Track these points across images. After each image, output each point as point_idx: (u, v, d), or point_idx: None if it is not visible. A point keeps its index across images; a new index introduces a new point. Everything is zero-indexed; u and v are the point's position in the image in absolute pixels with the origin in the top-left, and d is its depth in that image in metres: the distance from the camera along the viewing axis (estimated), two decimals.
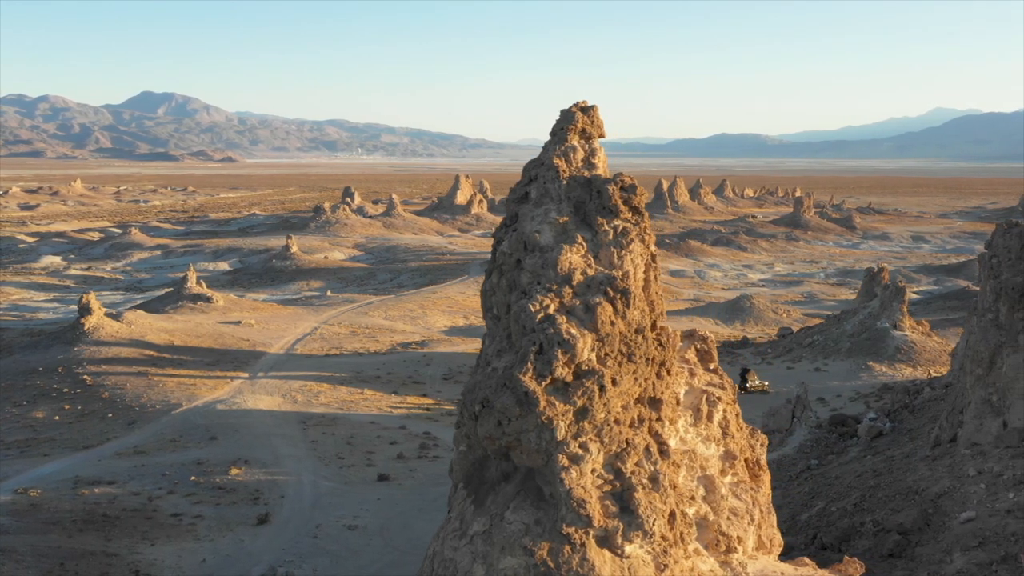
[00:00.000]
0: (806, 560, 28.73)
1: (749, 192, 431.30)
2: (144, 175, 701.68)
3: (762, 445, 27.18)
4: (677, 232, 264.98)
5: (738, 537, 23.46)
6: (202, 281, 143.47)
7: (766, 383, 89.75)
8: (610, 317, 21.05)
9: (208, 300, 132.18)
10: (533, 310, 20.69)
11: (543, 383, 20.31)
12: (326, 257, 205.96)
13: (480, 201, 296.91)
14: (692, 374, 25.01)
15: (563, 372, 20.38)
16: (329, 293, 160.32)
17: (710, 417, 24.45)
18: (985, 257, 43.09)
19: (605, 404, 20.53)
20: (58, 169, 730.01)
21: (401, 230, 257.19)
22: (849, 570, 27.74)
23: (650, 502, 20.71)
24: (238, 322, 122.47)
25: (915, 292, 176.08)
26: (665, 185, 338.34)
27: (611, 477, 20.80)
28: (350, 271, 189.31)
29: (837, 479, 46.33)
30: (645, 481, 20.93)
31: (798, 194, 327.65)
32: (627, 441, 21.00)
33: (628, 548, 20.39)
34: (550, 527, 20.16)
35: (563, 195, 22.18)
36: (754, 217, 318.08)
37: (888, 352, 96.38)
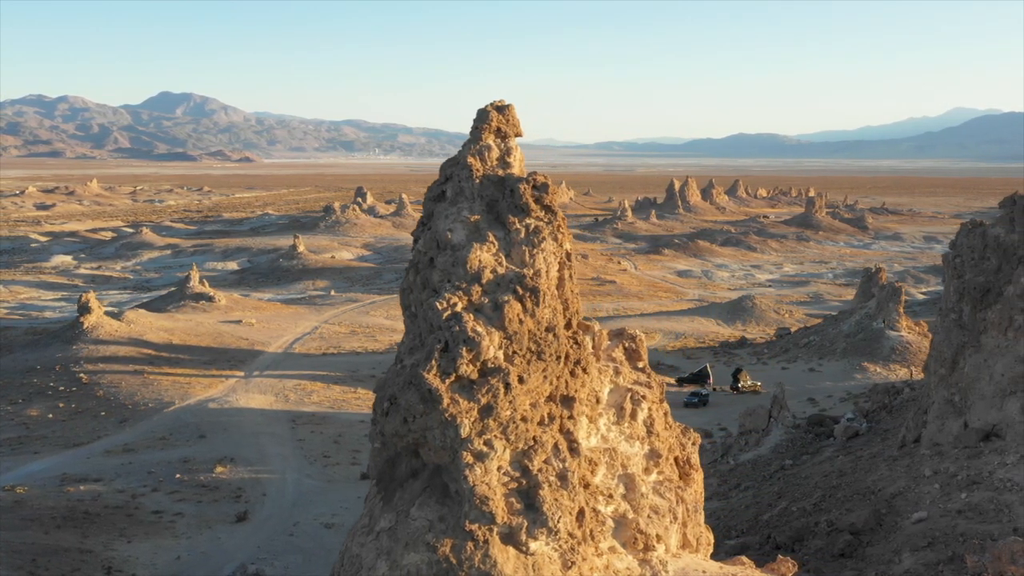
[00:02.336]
0: (743, 559, 28.72)
1: (762, 192, 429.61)
2: (162, 175, 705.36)
3: (693, 444, 27.17)
4: (687, 232, 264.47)
5: (657, 535, 23.47)
6: (205, 280, 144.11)
7: (758, 383, 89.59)
8: (518, 315, 21.13)
9: (210, 299, 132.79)
10: (440, 308, 20.81)
11: (447, 381, 20.41)
12: (333, 257, 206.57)
13: None
14: (618, 372, 25.04)
15: (468, 370, 20.48)
16: (333, 292, 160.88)
17: (634, 415, 24.47)
18: (949, 257, 42.90)
19: (511, 402, 20.62)
20: (77, 169, 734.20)
21: (411, 230, 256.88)
22: (782, 569, 27.71)
23: (556, 499, 20.78)
24: (239, 321, 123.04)
25: (923, 293, 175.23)
26: (677, 185, 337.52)
27: (518, 475, 20.88)
28: (356, 270, 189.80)
29: (806, 479, 46.28)
30: (552, 479, 21.00)
31: (811, 194, 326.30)
32: (535, 439, 21.07)
33: (533, 545, 20.47)
34: (454, 524, 20.27)
35: (476, 194, 22.29)
36: (766, 217, 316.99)
37: (883, 353, 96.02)
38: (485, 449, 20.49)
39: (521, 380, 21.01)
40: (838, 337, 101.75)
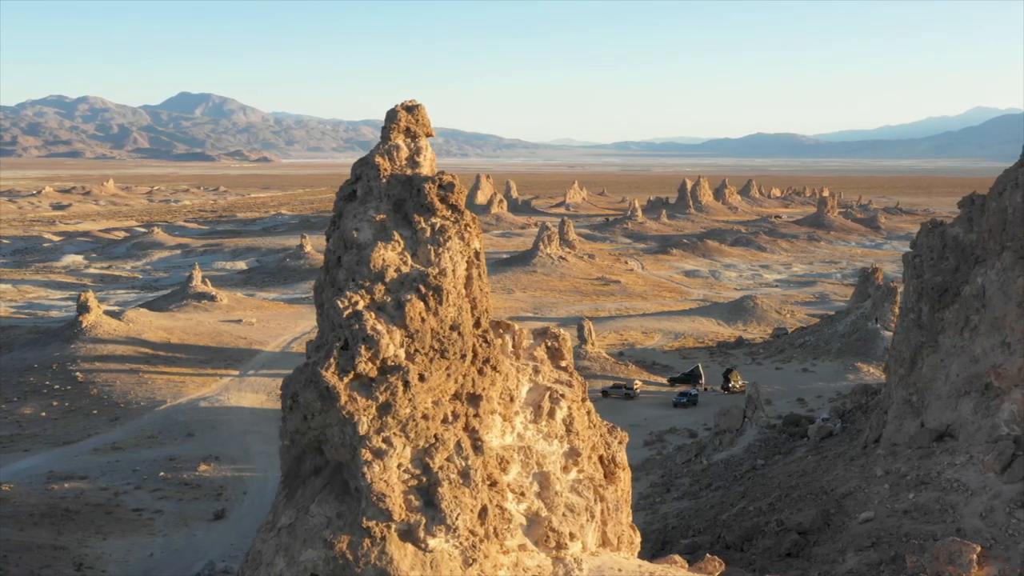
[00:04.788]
0: (676, 558, 28.79)
1: (776, 192, 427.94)
2: (180, 175, 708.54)
3: (620, 443, 27.23)
4: (697, 232, 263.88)
5: (571, 533, 23.53)
6: (207, 280, 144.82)
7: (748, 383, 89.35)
8: (420, 314, 21.27)
9: (212, 299, 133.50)
10: (341, 306, 20.98)
11: (345, 378, 20.58)
12: None
13: (500, 201, 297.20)
14: (537, 371, 25.13)
15: (366, 368, 20.64)
16: None
17: (552, 414, 24.55)
18: (909, 257, 42.75)
19: (410, 400, 20.75)
20: (96, 169, 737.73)
21: None
22: (709, 568, 27.75)
23: (455, 497, 20.89)
24: (239, 320, 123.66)
25: None
26: (689, 185, 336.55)
27: (418, 472, 21.00)
28: None
29: (771, 479, 46.23)
30: (454, 476, 21.12)
31: (826, 193, 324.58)
32: (436, 436, 21.20)
33: (432, 542, 20.58)
34: (351, 520, 20.42)
35: (384, 193, 22.45)
36: (778, 217, 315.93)
37: (877, 353, 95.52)
38: (384, 447, 20.62)
39: (422, 378, 21.13)
40: (833, 337, 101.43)
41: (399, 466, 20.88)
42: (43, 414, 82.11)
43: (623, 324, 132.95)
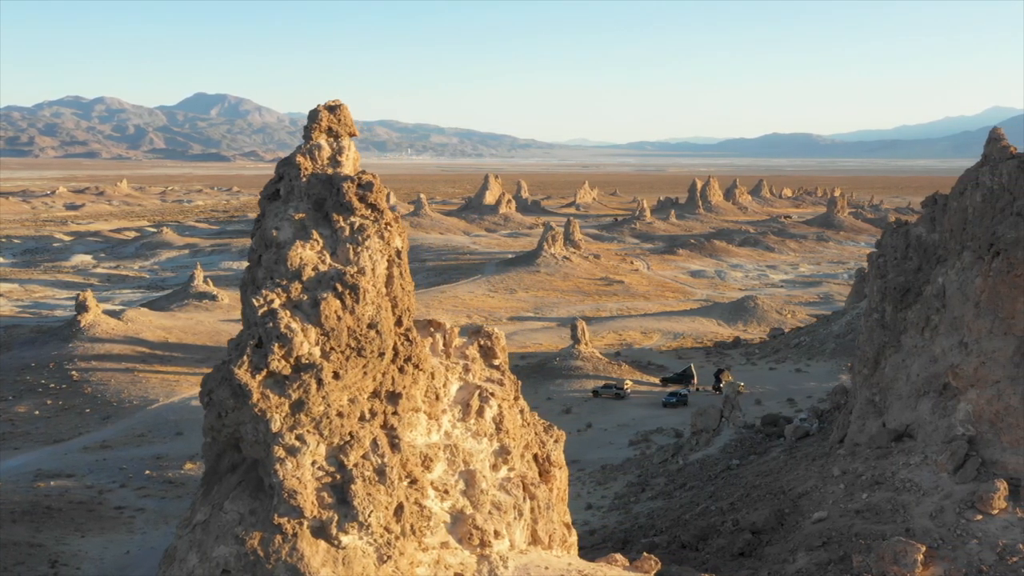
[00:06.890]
0: (617, 556, 28.88)
1: (787, 192, 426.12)
2: (195, 175, 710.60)
3: (556, 441, 27.34)
4: (705, 232, 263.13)
5: (495, 531, 23.64)
6: (209, 279, 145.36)
7: (741, 383, 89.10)
8: (336, 312, 21.43)
9: (213, 298, 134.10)
10: (256, 304, 21.19)
11: (258, 376, 20.77)
12: None
13: (509, 201, 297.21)
14: (467, 370, 25.25)
15: (279, 365, 20.82)
16: None
17: (481, 412, 24.68)
18: (874, 256, 42.65)
19: (324, 397, 20.92)
20: (112, 170, 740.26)
21: (428, 229, 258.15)
22: (645, 567, 27.81)
23: (368, 494, 21.04)
24: (239, 320, 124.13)
25: None
26: (699, 185, 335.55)
27: (333, 469, 21.18)
28: None
29: (741, 479, 46.21)
30: (369, 474, 21.27)
31: (837, 193, 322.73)
32: (351, 434, 21.36)
33: (344, 539, 20.73)
34: (264, 517, 20.60)
35: (304, 192, 22.65)
36: (788, 217, 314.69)
37: None
38: (297, 444, 20.81)
39: (337, 376, 21.31)
40: (828, 338, 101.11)
41: (313, 463, 21.06)
42: (36, 412, 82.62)
43: (623, 324, 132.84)
